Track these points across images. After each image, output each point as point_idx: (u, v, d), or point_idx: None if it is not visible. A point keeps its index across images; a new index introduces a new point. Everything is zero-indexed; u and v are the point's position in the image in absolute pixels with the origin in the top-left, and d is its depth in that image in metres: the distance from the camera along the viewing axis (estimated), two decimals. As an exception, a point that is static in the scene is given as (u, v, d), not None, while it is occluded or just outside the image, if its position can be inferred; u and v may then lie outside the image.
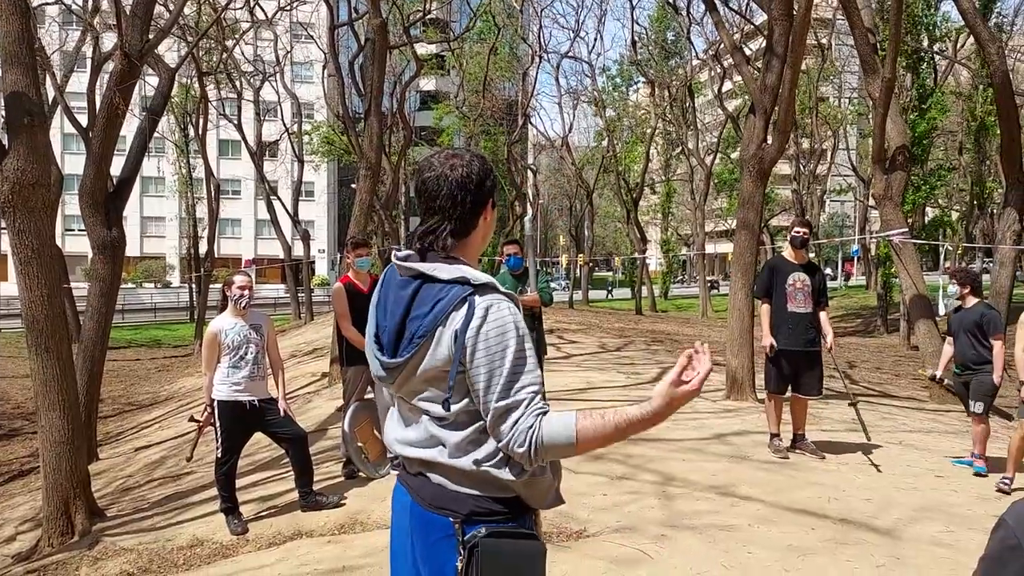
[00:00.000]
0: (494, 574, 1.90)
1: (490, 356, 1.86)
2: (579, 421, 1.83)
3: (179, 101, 29.85)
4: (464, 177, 2.00)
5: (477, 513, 1.95)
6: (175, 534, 5.62)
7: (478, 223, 2.06)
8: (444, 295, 1.92)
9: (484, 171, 2.04)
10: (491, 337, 1.87)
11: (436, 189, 2.00)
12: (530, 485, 1.96)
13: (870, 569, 4.34)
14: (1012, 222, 10.83)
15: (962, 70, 29.28)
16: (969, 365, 6.55)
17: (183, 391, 15.69)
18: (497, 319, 1.88)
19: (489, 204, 2.06)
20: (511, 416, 1.85)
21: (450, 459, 1.96)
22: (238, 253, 60.08)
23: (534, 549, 1.97)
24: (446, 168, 2.01)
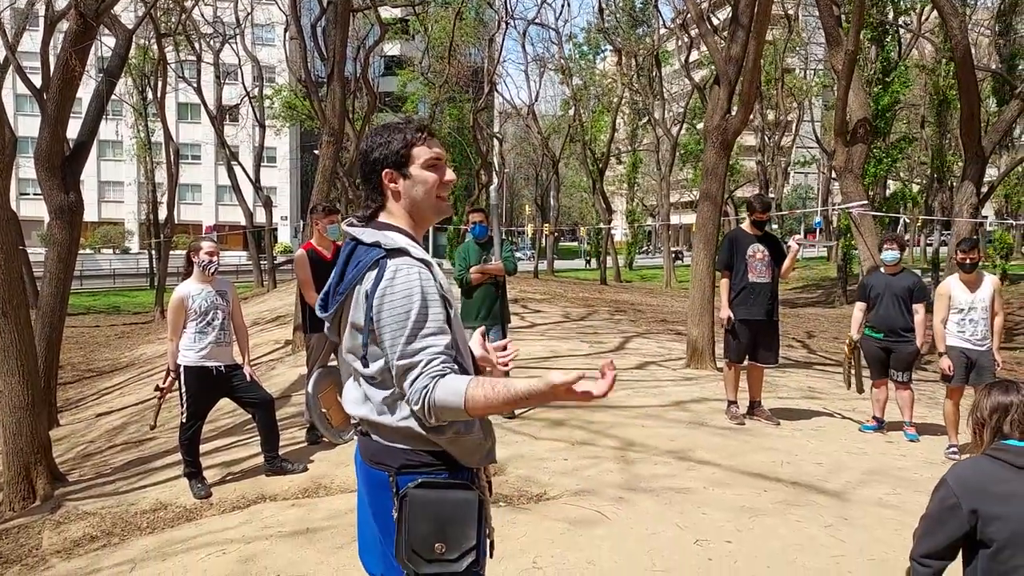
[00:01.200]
0: (422, 522, 1.99)
1: (394, 316, 1.96)
2: (469, 389, 1.90)
3: (137, 63, 29.19)
4: (362, 152, 2.17)
5: (409, 465, 2.04)
6: (138, 498, 5.62)
7: (386, 192, 2.16)
8: (363, 257, 2.06)
9: (372, 143, 2.15)
10: (396, 299, 1.97)
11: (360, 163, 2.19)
12: (455, 443, 2.04)
13: (818, 529, 4.49)
14: (969, 195, 11.07)
15: (926, 43, 29.54)
16: (898, 331, 6.58)
17: (144, 358, 15.56)
18: (404, 282, 1.98)
19: (384, 172, 2.13)
20: (409, 375, 1.95)
21: (378, 416, 2.07)
22: (198, 219, 59.21)
23: (465, 498, 2.03)
24: (362, 143, 2.20)
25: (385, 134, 2.15)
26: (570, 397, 1.88)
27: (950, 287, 6.23)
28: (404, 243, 2.06)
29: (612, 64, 42.39)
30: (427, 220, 2.21)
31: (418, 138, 2.15)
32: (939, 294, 6.28)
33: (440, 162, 2.18)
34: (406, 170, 2.13)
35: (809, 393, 8.51)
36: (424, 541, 1.98)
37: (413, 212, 2.16)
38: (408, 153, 2.13)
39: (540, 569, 3.98)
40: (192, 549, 4.51)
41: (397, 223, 2.15)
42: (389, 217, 2.15)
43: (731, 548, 4.21)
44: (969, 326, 6.11)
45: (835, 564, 4.03)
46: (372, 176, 2.15)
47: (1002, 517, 2.24)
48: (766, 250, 6.94)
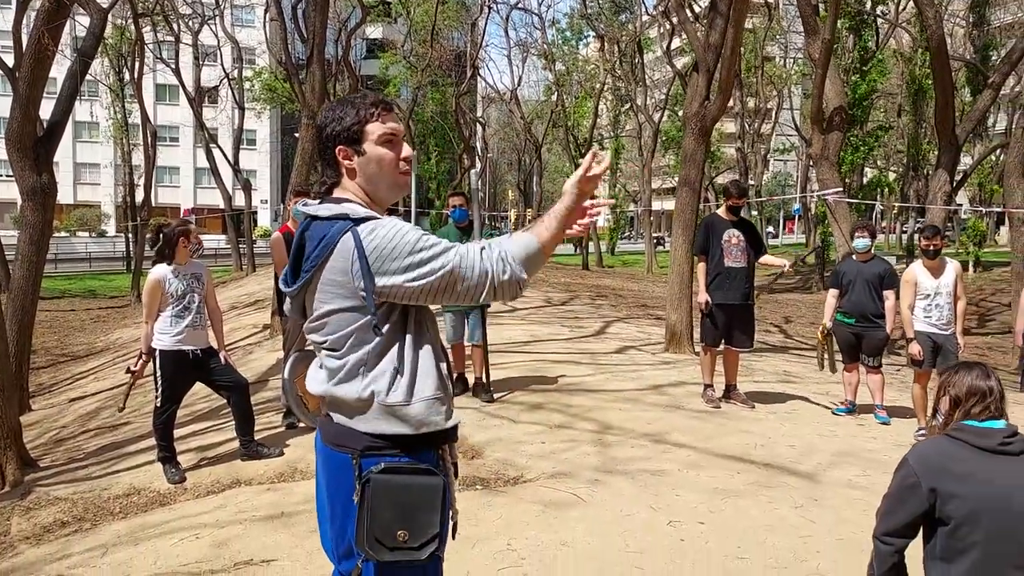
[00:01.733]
0: (385, 509, 1.95)
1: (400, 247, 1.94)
2: (529, 233, 2.00)
3: (113, 43, 28.78)
4: (317, 127, 2.14)
5: (372, 448, 2.00)
6: (111, 483, 5.58)
7: (341, 169, 2.11)
8: (327, 231, 2.00)
9: (326, 118, 2.11)
10: (393, 233, 1.96)
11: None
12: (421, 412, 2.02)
13: (789, 509, 4.56)
14: (943, 183, 11.18)
15: (904, 33, 29.70)
16: (869, 317, 6.70)
17: (120, 342, 15.44)
18: (388, 228, 1.97)
19: (338, 149, 2.09)
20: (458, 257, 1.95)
21: (340, 386, 2.02)
22: (176, 202, 58.62)
23: (429, 483, 1.99)
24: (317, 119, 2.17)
25: (338, 109, 2.10)
26: (590, 182, 2.02)
27: (916, 274, 6.32)
28: (367, 212, 2.03)
29: (595, 50, 42.34)
30: (385, 198, 2.16)
31: (372, 113, 2.08)
32: (905, 281, 6.38)
33: (396, 137, 2.11)
34: (359, 147, 2.08)
35: (784, 377, 8.60)
36: (386, 528, 1.95)
37: (369, 189, 2.12)
38: (361, 129, 2.07)
39: (515, 551, 4.01)
40: (165, 534, 4.49)
41: (354, 200, 2.10)
42: (344, 193, 2.11)
43: (703, 529, 4.26)
44: (935, 311, 6.23)
45: (804, 544, 4.09)
46: (326, 152, 2.11)
47: (960, 496, 2.29)
48: (741, 235, 6.99)
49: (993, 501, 2.26)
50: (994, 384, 2.45)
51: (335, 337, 2.03)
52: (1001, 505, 2.26)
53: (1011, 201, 10.76)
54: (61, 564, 4.23)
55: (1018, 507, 2.25)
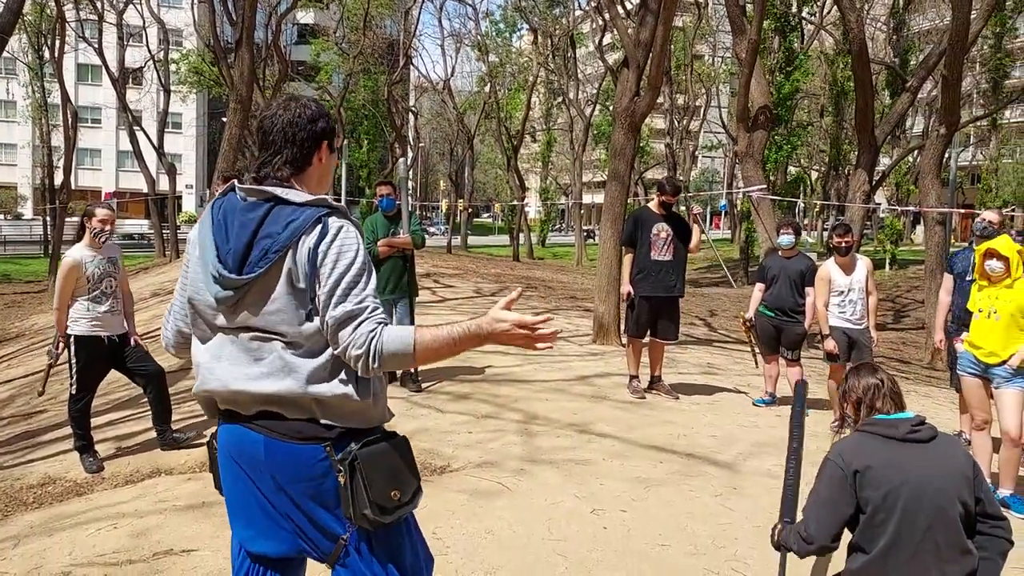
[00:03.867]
0: (379, 476, 2.05)
1: (337, 267, 2.00)
2: (416, 333, 1.98)
3: (33, 20, 27.70)
4: (296, 116, 2.15)
5: (341, 438, 2.07)
6: (24, 472, 5.42)
7: (312, 160, 2.18)
8: (298, 216, 2.04)
9: (318, 113, 2.18)
10: (342, 251, 2.01)
11: (271, 126, 2.15)
12: (376, 403, 2.13)
13: (709, 498, 4.69)
14: (862, 183, 11.56)
15: (828, 35, 30.56)
16: (787, 311, 6.93)
17: (35, 328, 14.92)
18: (347, 237, 2.04)
19: (324, 144, 2.19)
20: (353, 321, 1.97)
21: (308, 387, 2.03)
22: (97, 185, 56.61)
23: (400, 443, 2.14)
24: (280, 109, 2.17)
25: (324, 110, 2.23)
26: (509, 339, 2.00)
27: (829, 271, 6.52)
28: (341, 205, 2.12)
29: (528, 43, 42.44)
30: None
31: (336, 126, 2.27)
32: (819, 278, 6.56)
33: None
34: (332, 147, 2.22)
35: (708, 369, 8.80)
36: (383, 493, 2.04)
37: (317, 191, 2.19)
38: (335, 133, 2.24)
39: (440, 539, 4.03)
40: (81, 524, 4.37)
41: (311, 191, 2.18)
42: (302, 182, 2.16)
43: (626, 517, 4.35)
44: (848, 307, 6.43)
45: (723, 531, 4.22)
46: (309, 143, 2.16)
47: (876, 482, 2.41)
48: (670, 229, 7.10)
49: (906, 487, 2.39)
50: (883, 377, 2.63)
51: (295, 331, 2.04)
52: (913, 491, 2.39)
53: (926, 201, 11.20)
54: (-31, 556, 4.09)
55: (929, 492, 2.38)
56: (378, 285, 7.25)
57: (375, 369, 1.98)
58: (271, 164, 2.14)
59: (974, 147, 42.46)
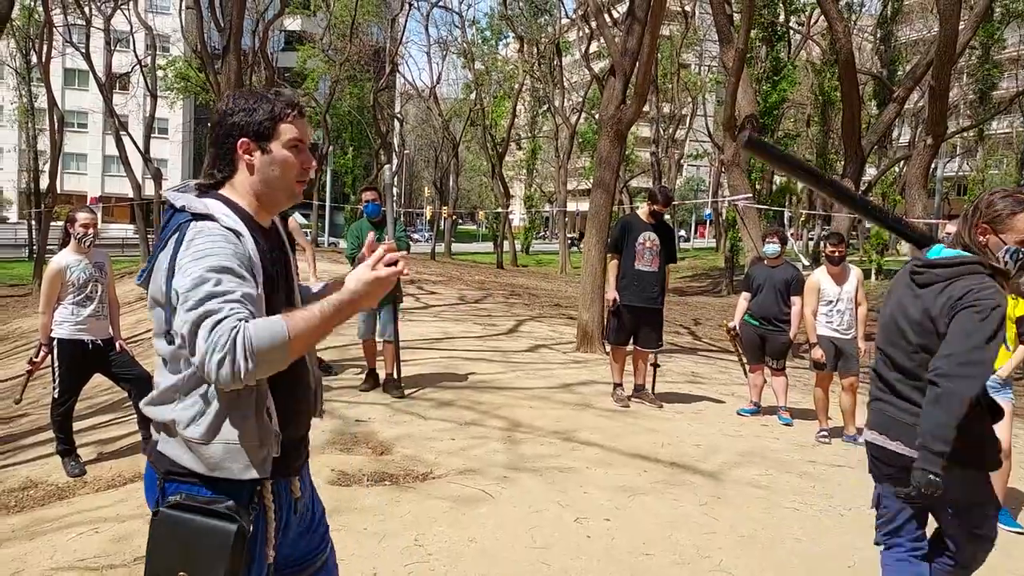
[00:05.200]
0: (167, 551, 1.78)
1: (190, 274, 1.70)
2: (288, 319, 1.69)
3: (20, 24, 27.52)
4: (220, 112, 1.93)
5: (175, 473, 1.83)
6: (6, 476, 5.36)
7: (238, 163, 1.92)
8: (171, 223, 1.83)
9: (234, 106, 1.91)
10: (196, 255, 1.73)
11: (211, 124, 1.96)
12: (225, 452, 1.80)
13: (693, 507, 4.67)
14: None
15: (814, 45, 30.76)
16: (772, 320, 6.93)
17: (19, 332, 14.76)
18: (206, 240, 1.75)
19: (240, 141, 1.89)
20: (207, 321, 1.65)
21: (153, 406, 1.87)
22: (83, 190, 56.17)
23: (218, 529, 1.76)
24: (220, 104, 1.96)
25: (251, 100, 1.91)
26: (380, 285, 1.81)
27: (819, 280, 6.52)
28: (217, 211, 1.82)
29: (514, 51, 42.53)
30: (277, 204, 1.97)
31: (287, 113, 1.91)
32: (808, 288, 6.55)
33: (303, 144, 1.95)
34: (266, 144, 1.89)
35: (692, 378, 8.81)
36: (168, 568, 1.76)
37: (262, 192, 1.92)
38: (273, 127, 1.90)
39: (422, 547, 4.00)
40: (62, 528, 4.33)
41: (235, 197, 1.91)
42: (231, 191, 1.91)
43: (609, 525, 4.33)
44: (836, 316, 6.42)
45: (707, 540, 4.20)
46: (225, 142, 1.90)
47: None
48: (657, 239, 7.09)
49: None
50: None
51: (161, 348, 1.85)
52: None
53: (912, 212, 11.26)
54: (-52, 560, 4.03)
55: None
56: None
57: (250, 373, 1.63)
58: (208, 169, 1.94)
59: (961, 158, 42.79)
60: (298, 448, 2.00)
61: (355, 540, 3.99)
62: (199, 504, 1.78)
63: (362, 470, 5.14)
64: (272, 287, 1.89)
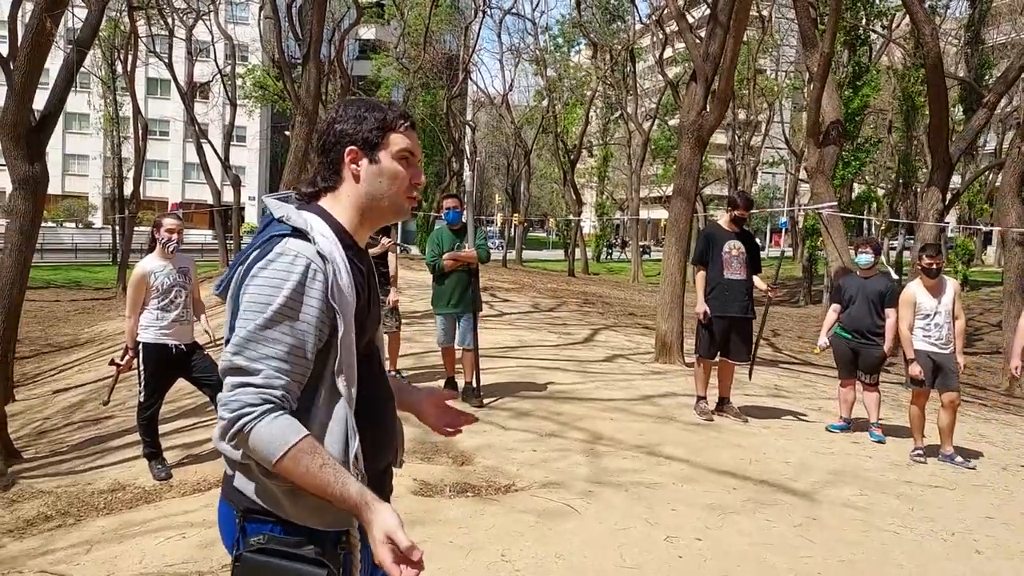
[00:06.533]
0: None
1: (254, 299, 1.61)
2: (296, 446, 1.55)
3: (107, 36, 28.55)
4: (328, 121, 1.83)
5: (255, 511, 1.69)
6: (95, 478, 5.49)
7: (342, 173, 1.80)
8: (264, 232, 1.73)
9: (343, 113, 1.81)
10: (265, 281, 1.62)
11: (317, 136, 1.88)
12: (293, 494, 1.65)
13: (787, 528, 4.50)
14: (935, 201, 11.18)
15: (895, 50, 29.86)
16: (865, 333, 6.66)
17: (104, 334, 15.26)
18: (284, 267, 1.62)
19: (348, 149, 1.78)
20: (237, 377, 1.59)
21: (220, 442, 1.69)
22: (164, 196, 58.09)
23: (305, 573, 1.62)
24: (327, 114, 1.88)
25: (361, 108, 1.81)
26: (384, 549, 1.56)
27: (915, 294, 6.25)
28: (316, 227, 1.70)
29: (587, 57, 42.38)
30: (380, 218, 1.85)
31: (399, 123, 1.81)
32: (904, 301, 6.28)
33: (413, 158, 1.83)
34: (375, 154, 1.78)
35: (776, 391, 8.56)
36: None
37: (366, 205, 1.80)
38: (383, 136, 1.79)
39: (509, 562, 3.93)
40: (150, 532, 4.40)
41: (336, 210, 1.80)
42: (334, 203, 1.80)
43: (701, 546, 4.20)
44: (935, 330, 6.14)
45: (804, 564, 4.03)
46: (332, 150, 1.79)
47: None
48: (743, 246, 6.93)
49: None
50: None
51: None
52: None
53: (1005, 221, 10.76)
54: (44, 559, 4.14)
55: None
56: (443, 299, 7.23)
57: (226, 447, 1.59)
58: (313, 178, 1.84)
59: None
60: (382, 480, 1.87)
61: (441, 553, 3.95)
62: (285, 548, 1.65)
63: (444, 480, 5.11)
64: (363, 314, 1.77)
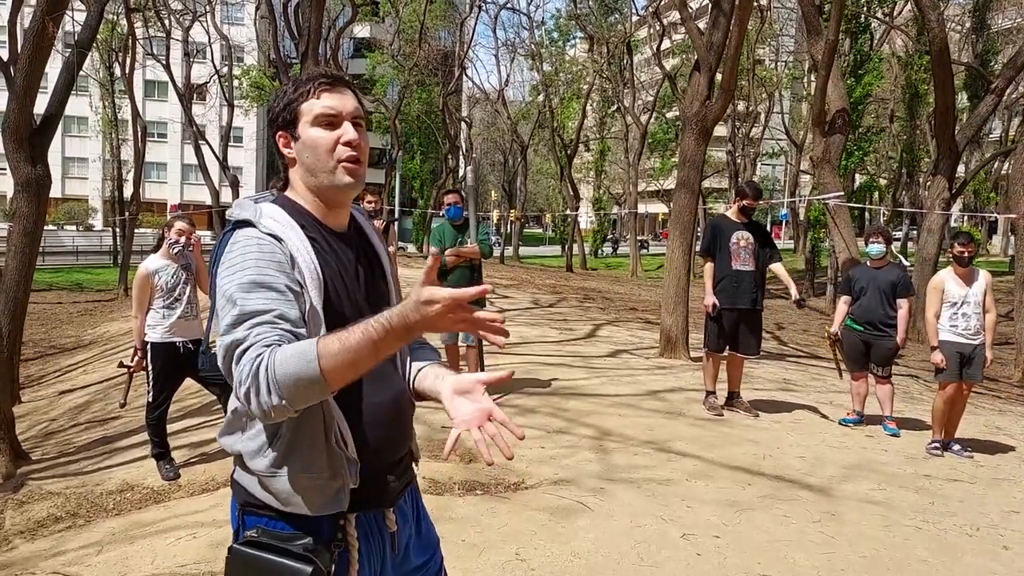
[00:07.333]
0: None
1: (222, 289, 1.56)
2: (319, 344, 1.43)
3: (104, 38, 28.42)
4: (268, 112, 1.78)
5: (252, 504, 1.68)
6: (103, 479, 5.45)
7: (285, 161, 1.76)
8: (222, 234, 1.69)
9: (276, 95, 1.76)
10: (230, 269, 1.57)
11: None
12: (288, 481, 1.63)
13: (806, 524, 4.42)
14: (941, 190, 11.07)
15: (896, 37, 29.64)
16: (877, 325, 6.54)
17: (107, 335, 15.14)
18: (240, 251, 1.59)
19: (278, 134, 1.73)
20: (236, 352, 1.48)
21: (223, 436, 1.73)
22: (163, 198, 58.06)
23: (293, 570, 1.58)
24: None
25: (281, 89, 1.75)
26: (446, 324, 1.45)
27: (944, 281, 6.13)
28: (266, 214, 1.65)
29: (583, 51, 42.21)
30: (330, 192, 1.72)
31: (307, 91, 1.70)
32: (932, 288, 6.18)
33: (336, 118, 1.69)
34: (295, 131, 1.70)
35: (785, 385, 8.47)
36: None
37: (312, 184, 1.72)
38: (296, 109, 1.70)
39: (524, 561, 3.85)
40: (161, 532, 4.35)
41: (298, 198, 1.74)
42: (292, 191, 1.76)
43: (720, 543, 4.11)
44: (962, 320, 6.01)
45: (827, 560, 3.95)
46: (273, 140, 1.76)
47: None
48: (751, 236, 6.83)
49: None
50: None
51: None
52: None
53: (1016, 209, 10.59)
54: (56, 560, 4.09)
55: None
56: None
57: (279, 407, 1.43)
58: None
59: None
60: (386, 477, 1.76)
61: (454, 553, 3.86)
62: (274, 542, 1.62)
63: (452, 478, 5.03)
64: (341, 296, 1.69)
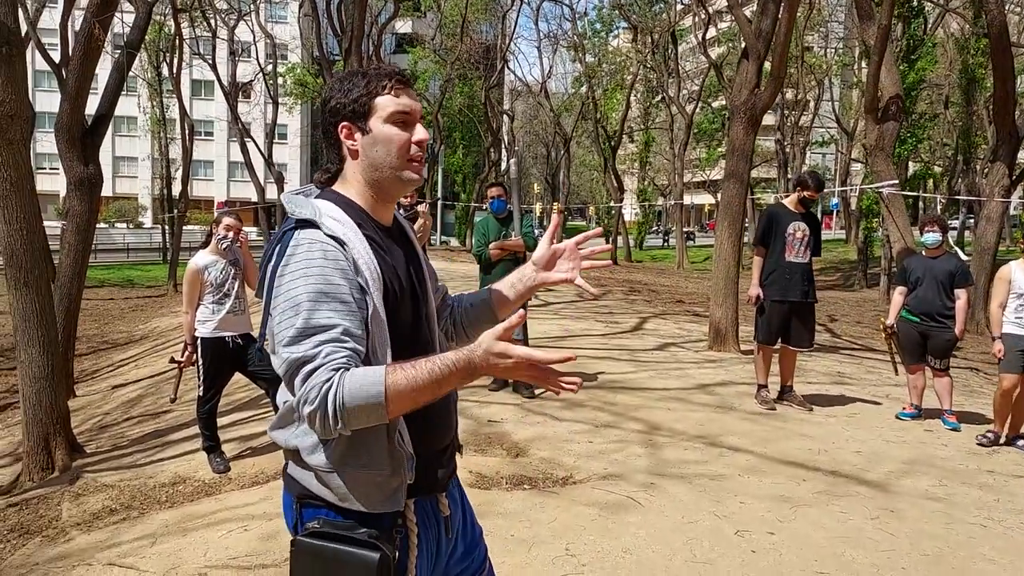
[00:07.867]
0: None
1: (286, 299, 1.56)
2: (388, 375, 1.48)
3: (152, 39, 28.96)
4: (322, 100, 1.78)
5: (309, 497, 1.69)
6: (156, 471, 5.53)
7: (342, 152, 1.75)
8: (279, 230, 1.69)
9: (332, 90, 1.76)
10: (288, 279, 1.57)
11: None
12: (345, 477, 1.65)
13: (864, 521, 4.31)
14: (1001, 177, 10.73)
15: (951, 21, 28.77)
16: (935, 316, 6.33)
17: (158, 330, 15.44)
18: (303, 259, 1.58)
19: (341, 126, 1.73)
20: (303, 370, 1.51)
21: (275, 429, 1.73)
22: (210, 195, 59.10)
23: (361, 559, 1.60)
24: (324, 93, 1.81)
25: (347, 80, 1.75)
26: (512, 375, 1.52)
27: (1012, 271, 5.91)
28: (326, 213, 1.66)
29: (626, 41, 41.80)
30: (391, 188, 1.76)
31: (383, 86, 1.72)
32: (999, 279, 5.97)
33: (410, 117, 1.73)
34: (366, 124, 1.71)
35: (839, 378, 8.29)
36: None
37: (372, 178, 1.74)
38: (370, 103, 1.71)
39: (574, 556, 3.81)
40: (213, 525, 4.40)
41: (350, 192, 1.75)
42: (343, 184, 1.76)
43: (775, 540, 4.03)
44: None
45: (887, 559, 3.84)
46: (328, 131, 1.75)
47: None
48: (807, 228, 6.68)
49: None
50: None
51: (276, 363, 1.64)
52: None
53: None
54: (112, 552, 4.14)
55: None
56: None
57: (339, 429, 1.50)
58: (325, 163, 1.81)
59: None
60: (439, 461, 1.81)
61: (503, 547, 3.84)
62: (339, 532, 1.64)
63: (499, 472, 5.01)
64: (397, 299, 1.70)
